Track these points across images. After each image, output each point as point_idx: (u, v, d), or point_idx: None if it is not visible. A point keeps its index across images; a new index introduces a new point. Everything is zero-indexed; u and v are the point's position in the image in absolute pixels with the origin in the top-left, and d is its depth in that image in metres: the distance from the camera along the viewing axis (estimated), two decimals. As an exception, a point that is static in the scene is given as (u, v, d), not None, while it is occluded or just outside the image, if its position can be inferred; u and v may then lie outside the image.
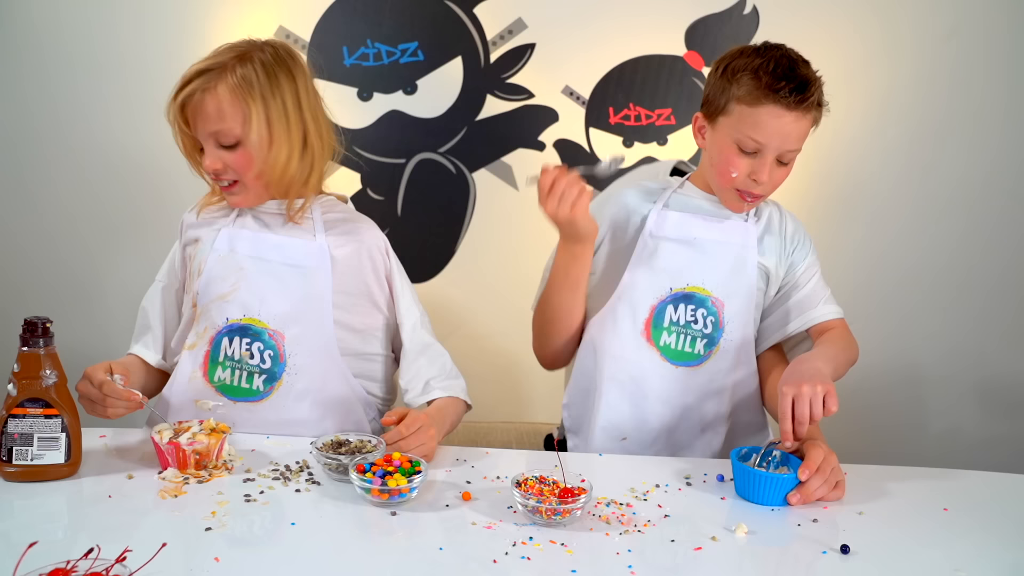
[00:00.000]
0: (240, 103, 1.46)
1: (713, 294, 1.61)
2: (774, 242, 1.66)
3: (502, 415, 2.38)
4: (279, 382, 1.53)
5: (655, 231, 1.62)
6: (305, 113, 1.52)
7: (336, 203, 1.66)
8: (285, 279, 1.54)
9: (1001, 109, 2.37)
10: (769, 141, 1.50)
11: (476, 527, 1.19)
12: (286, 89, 1.49)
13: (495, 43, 2.33)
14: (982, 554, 1.19)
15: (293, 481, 1.31)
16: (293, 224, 1.57)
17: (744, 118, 1.50)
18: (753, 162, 1.53)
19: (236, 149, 1.48)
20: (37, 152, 2.34)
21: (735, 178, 1.54)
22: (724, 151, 1.54)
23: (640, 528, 1.21)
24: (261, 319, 1.52)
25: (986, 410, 2.49)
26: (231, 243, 1.56)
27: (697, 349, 1.62)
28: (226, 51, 1.49)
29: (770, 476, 1.32)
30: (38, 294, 2.38)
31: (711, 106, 1.56)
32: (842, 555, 1.15)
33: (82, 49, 2.29)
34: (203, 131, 1.49)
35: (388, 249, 1.64)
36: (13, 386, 1.23)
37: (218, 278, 1.54)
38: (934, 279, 2.45)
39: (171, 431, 1.34)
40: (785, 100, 1.47)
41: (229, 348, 1.52)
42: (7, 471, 1.24)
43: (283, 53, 1.52)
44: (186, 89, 1.46)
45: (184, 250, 1.62)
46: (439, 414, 1.53)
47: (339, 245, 1.57)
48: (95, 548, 0.99)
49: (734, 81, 1.51)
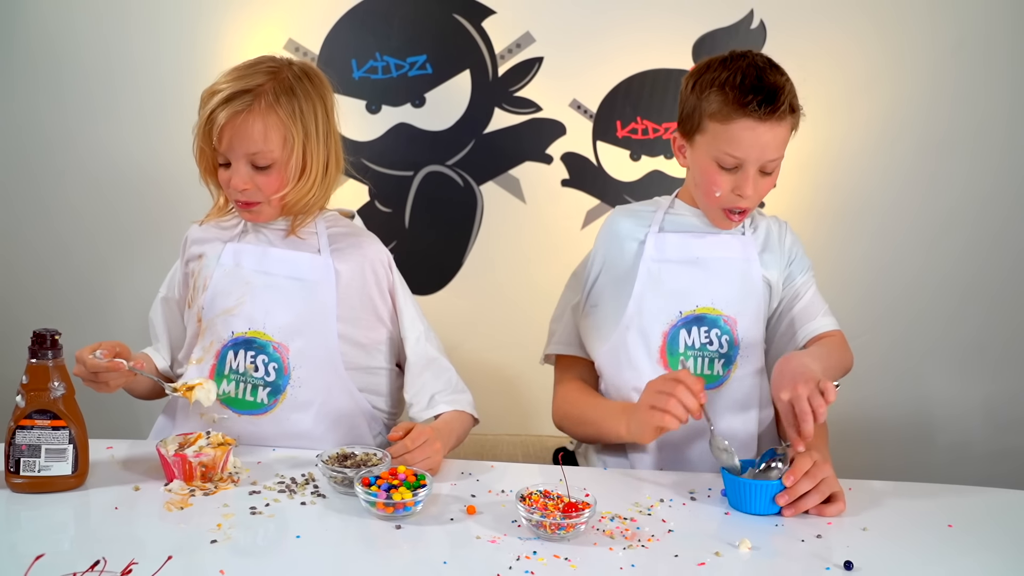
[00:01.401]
0: (282, 125, 1.47)
1: (724, 312, 1.59)
2: (774, 255, 1.64)
3: (508, 427, 2.38)
4: (283, 395, 1.53)
5: (656, 255, 1.59)
6: (332, 135, 1.54)
7: (340, 218, 1.67)
8: (289, 292, 1.55)
9: (1005, 121, 2.37)
10: (747, 155, 1.47)
11: (480, 541, 1.19)
12: (319, 109, 1.51)
13: (503, 56, 2.35)
14: (986, 571, 1.18)
15: (298, 494, 1.32)
16: (297, 238, 1.58)
17: (719, 135, 1.47)
18: (735, 177, 1.50)
19: (269, 171, 1.50)
20: (50, 162, 2.36)
21: (719, 197, 1.52)
22: (705, 170, 1.51)
23: (644, 543, 1.21)
24: (266, 332, 1.53)
25: (992, 424, 2.48)
26: (236, 258, 1.57)
27: (716, 370, 1.59)
28: (256, 71, 1.49)
29: (757, 484, 1.32)
30: (51, 303, 2.40)
31: (687, 124, 1.54)
32: (845, 571, 1.15)
33: (95, 60, 2.31)
34: (238, 151, 1.48)
35: (391, 264, 1.64)
36: (21, 398, 1.24)
37: (224, 292, 1.55)
38: (940, 291, 2.44)
39: (177, 443, 1.35)
40: (756, 113, 1.44)
41: (234, 361, 1.53)
42: (14, 482, 1.25)
43: (311, 71, 1.54)
44: (225, 109, 1.45)
45: (187, 265, 1.63)
46: (445, 428, 1.53)
47: (343, 259, 1.58)
48: (101, 560, 1.00)
49: (703, 98, 1.48)
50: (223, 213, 1.61)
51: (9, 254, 2.39)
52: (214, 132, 1.46)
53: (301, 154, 1.49)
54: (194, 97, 2.31)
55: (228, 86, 1.47)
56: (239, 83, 1.47)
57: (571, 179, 2.40)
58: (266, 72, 1.49)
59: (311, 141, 1.50)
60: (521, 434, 2.12)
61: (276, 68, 1.51)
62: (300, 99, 1.49)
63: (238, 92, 1.46)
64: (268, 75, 1.49)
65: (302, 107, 1.49)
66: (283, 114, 1.47)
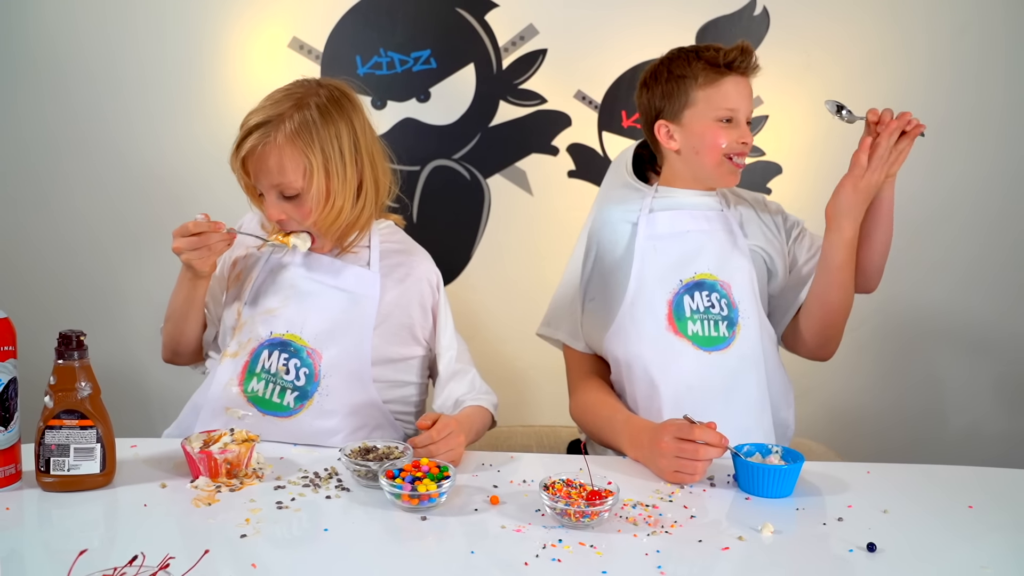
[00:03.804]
0: (300, 156, 1.48)
1: (719, 278, 1.67)
2: (756, 225, 1.74)
3: (521, 419, 2.39)
4: (310, 401, 1.54)
5: (650, 234, 1.67)
6: (363, 157, 1.55)
7: (395, 230, 1.69)
8: (331, 301, 1.56)
9: (1004, 105, 2.39)
10: (739, 105, 1.65)
11: (506, 530, 1.20)
12: (343, 135, 1.51)
13: (507, 49, 2.35)
14: (1009, 550, 1.20)
15: (323, 488, 1.33)
16: (347, 252, 1.61)
17: (712, 97, 1.64)
18: (733, 129, 1.65)
19: (297, 200, 1.51)
20: (57, 165, 2.37)
21: (725, 147, 1.64)
22: (707, 132, 1.65)
23: (667, 529, 1.22)
24: (302, 336, 1.54)
25: (1007, 406, 2.49)
26: (284, 260, 1.59)
27: (721, 332, 1.65)
28: (282, 99, 1.50)
29: (771, 468, 1.34)
30: (60, 305, 2.41)
31: (670, 110, 1.68)
32: (868, 553, 1.16)
33: (101, 63, 2.32)
34: (265, 183, 1.51)
35: (439, 284, 1.67)
36: (49, 398, 1.25)
37: (269, 292, 1.57)
38: (944, 273, 2.46)
39: (201, 440, 1.36)
40: (739, 69, 1.65)
41: (267, 361, 1.54)
42: (45, 481, 1.26)
43: (338, 95, 1.54)
44: (247, 143, 1.48)
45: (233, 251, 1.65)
46: (467, 420, 1.55)
47: (391, 277, 1.61)
48: (140, 555, 1.01)
49: (688, 76, 1.65)
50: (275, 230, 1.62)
51: (14, 257, 2.39)
52: (241, 165, 1.52)
53: (324, 182, 1.50)
54: (199, 95, 2.35)
55: (252, 117, 1.50)
56: (260, 114, 1.49)
57: (577, 170, 2.41)
58: (289, 101, 1.50)
59: (333, 167, 1.50)
60: (535, 425, 2.13)
61: (301, 95, 1.51)
62: (318, 127, 1.49)
63: (257, 124, 1.48)
64: (290, 104, 1.49)
65: (321, 135, 1.49)
66: (300, 144, 1.47)
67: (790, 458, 1.40)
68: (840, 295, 1.64)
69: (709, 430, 1.39)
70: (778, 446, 1.42)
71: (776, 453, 1.41)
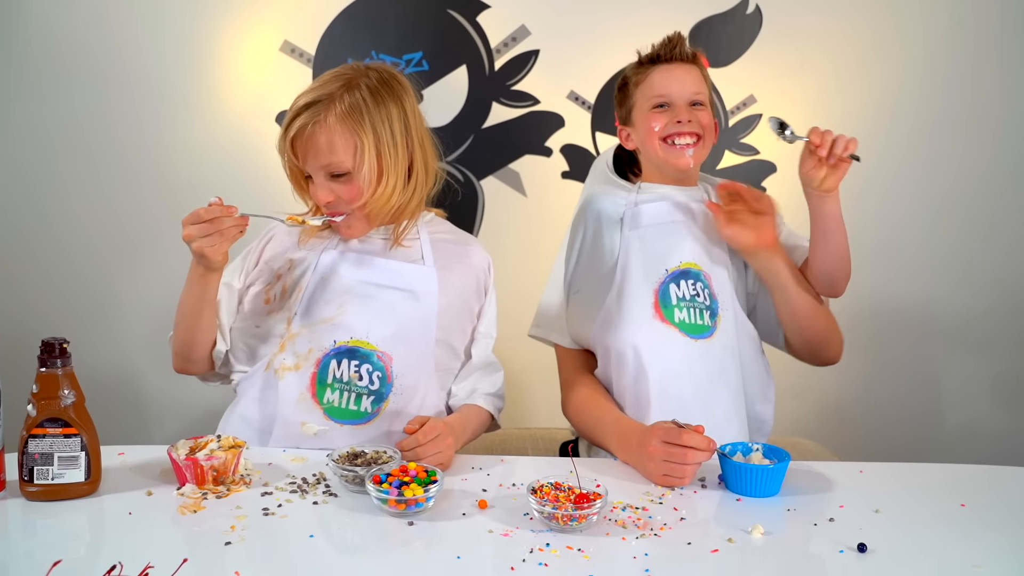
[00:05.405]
0: (351, 135, 1.47)
1: (703, 268, 1.68)
2: None
3: (516, 422, 2.39)
4: (386, 402, 1.54)
5: (635, 225, 1.71)
6: (413, 139, 1.54)
7: (440, 221, 1.69)
8: (393, 303, 1.56)
9: (999, 101, 2.37)
10: (670, 90, 1.70)
11: (493, 535, 1.20)
12: (394, 116, 1.51)
13: (499, 51, 2.34)
14: (1000, 549, 1.19)
15: (310, 494, 1.32)
16: (400, 246, 1.60)
17: (644, 91, 1.73)
18: (666, 113, 1.70)
19: (346, 179, 1.50)
20: (52, 167, 2.36)
21: (659, 130, 1.70)
22: (642, 122, 1.72)
23: (656, 532, 1.21)
24: (370, 341, 1.53)
25: (1002, 404, 2.48)
26: (334, 266, 1.57)
27: (705, 320, 1.66)
28: (331, 80, 1.50)
29: (757, 468, 1.33)
30: (55, 309, 2.40)
31: (623, 115, 1.79)
32: (859, 553, 1.15)
33: (97, 64, 2.32)
34: (314, 164, 1.50)
35: (491, 266, 1.69)
36: (32, 407, 1.24)
37: (322, 301, 1.55)
38: (941, 271, 2.45)
39: (188, 447, 1.35)
40: (664, 59, 1.73)
41: (337, 370, 1.52)
42: (29, 491, 1.25)
43: (388, 77, 1.54)
44: (296, 122, 1.48)
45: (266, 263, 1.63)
46: (460, 423, 1.54)
47: (448, 268, 1.60)
48: (118, 565, 1.01)
49: (629, 80, 1.76)
50: (313, 234, 1.62)
51: (9, 261, 2.39)
52: (290, 147, 1.50)
53: (375, 161, 1.49)
54: (191, 98, 2.34)
55: (302, 98, 1.50)
56: (310, 95, 1.49)
57: (571, 171, 2.40)
58: (339, 82, 1.50)
59: (384, 147, 1.49)
60: (529, 427, 2.13)
61: (351, 76, 1.51)
62: (369, 107, 1.48)
63: (307, 104, 1.48)
64: (340, 84, 1.49)
65: (372, 114, 1.48)
66: (351, 123, 1.47)
67: (773, 455, 1.39)
68: (801, 304, 1.67)
69: (697, 434, 1.38)
70: (759, 444, 1.42)
71: (757, 451, 1.40)
